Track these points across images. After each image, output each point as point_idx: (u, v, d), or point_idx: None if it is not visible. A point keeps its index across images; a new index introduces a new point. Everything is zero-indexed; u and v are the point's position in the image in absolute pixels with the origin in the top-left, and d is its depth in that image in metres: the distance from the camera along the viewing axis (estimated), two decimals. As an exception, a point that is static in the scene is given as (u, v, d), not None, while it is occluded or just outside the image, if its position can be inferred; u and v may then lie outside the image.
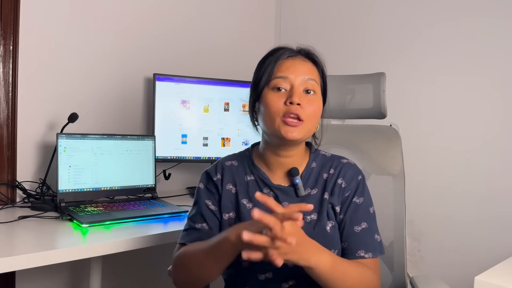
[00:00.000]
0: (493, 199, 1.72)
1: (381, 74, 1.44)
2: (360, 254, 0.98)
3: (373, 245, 1.00)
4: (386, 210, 1.32)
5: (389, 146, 1.38)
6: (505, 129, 1.70)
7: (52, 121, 1.76)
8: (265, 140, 1.04)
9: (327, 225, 0.99)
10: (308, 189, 1.03)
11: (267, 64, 1.00)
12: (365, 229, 1.00)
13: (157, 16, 2.05)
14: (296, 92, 0.96)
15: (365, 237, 1.00)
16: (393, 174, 1.35)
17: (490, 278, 1.04)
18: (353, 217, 1.01)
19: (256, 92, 1.02)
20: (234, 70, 2.28)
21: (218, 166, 1.09)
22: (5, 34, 1.63)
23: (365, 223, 1.01)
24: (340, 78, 1.50)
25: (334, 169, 1.05)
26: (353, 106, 1.47)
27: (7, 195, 1.65)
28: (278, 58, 1.00)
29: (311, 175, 1.05)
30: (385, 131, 1.42)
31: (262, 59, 1.04)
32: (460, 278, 1.72)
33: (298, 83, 0.97)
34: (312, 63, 1.02)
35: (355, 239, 0.99)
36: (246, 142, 2.05)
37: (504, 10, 1.70)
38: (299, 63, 1.00)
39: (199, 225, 1.04)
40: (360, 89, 1.46)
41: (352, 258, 0.98)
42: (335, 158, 1.08)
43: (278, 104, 0.96)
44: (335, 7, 2.26)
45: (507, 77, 1.70)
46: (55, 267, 1.75)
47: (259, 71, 1.02)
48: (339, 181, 1.03)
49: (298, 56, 1.02)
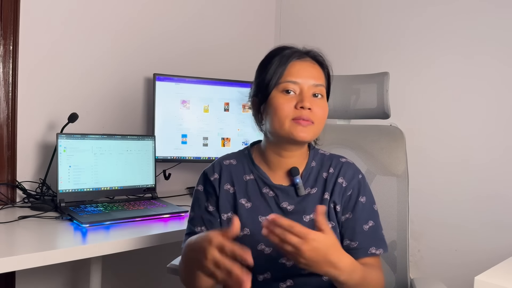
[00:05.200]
0: (493, 199, 1.72)
1: (385, 74, 1.43)
2: (372, 251, 1.00)
3: (382, 241, 1.03)
4: (390, 211, 1.32)
5: (393, 146, 1.37)
6: (505, 130, 1.70)
7: (52, 121, 1.76)
8: (268, 139, 1.04)
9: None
10: (308, 189, 1.03)
11: (276, 65, 0.99)
12: (372, 227, 1.02)
13: (157, 16, 2.05)
14: (306, 96, 0.97)
15: (374, 234, 1.02)
16: (397, 174, 1.34)
17: (490, 278, 1.04)
18: (360, 216, 1.02)
19: (264, 93, 1.01)
20: (234, 70, 2.28)
21: (216, 165, 1.09)
22: (5, 34, 1.63)
23: (372, 221, 1.02)
24: (345, 78, 1.50)
25: (333, 168, 1.05)
26: (357, 106, 1.47)
27: (7, 195, 1.65)
28: (288, 60, 0.99)
29: (311, 174, 1.05)
30: (390, 132, 1.41)
31: (267, 58, 1.03)
32: (460, 278, 1.72)
33: (307, 87, 0.98)
34: (320, 66, 1.03)
35: (366, 238, 1.01)
36: (246, 142, 2.05)
37: (506, 12, 1.70)
38: (309, 67, 1.00)
39: (198, 228, 1.04)
40: (365, 89, 1.46)
41: (364, 256, 0.99)
42: (334, 157, 1.08)
43: (288, 107, 0.96)
44: (335, 6, 2.26)
45: (509, 78, 1.70)
46: (55, 267, 1.75)
47: (265, 70, 1.01)
48: (340, 180, 1.03)
49: (307, 58, 1.01)
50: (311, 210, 1.00)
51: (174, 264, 1.33)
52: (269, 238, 0.81)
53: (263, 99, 1.01)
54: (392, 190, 1.33)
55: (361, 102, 1.47)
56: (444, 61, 1.86)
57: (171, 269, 1.33)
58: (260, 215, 1.00)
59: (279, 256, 0.97)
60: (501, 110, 1.71)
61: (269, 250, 0.98)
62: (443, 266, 1.84)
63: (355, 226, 1.01)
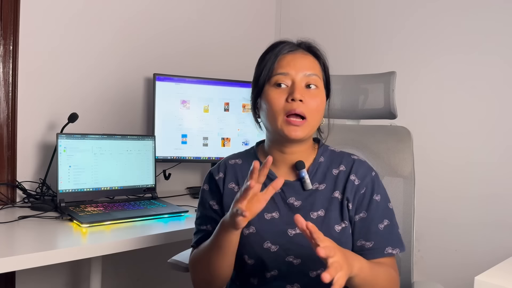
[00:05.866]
0: (493, 199, 1.72)
1: (392, 73, 1.41)
2: (389, 251, 0.97)
3: (399, 240, 0.99)
4: (396, 212, 1.28)
5: (400, 147, 1.35)
6: (505, 130, 1.70)
7: (52, 121, 1.76)
8: (269, 137, 1.03)
9: (337, 224, 0.98)
10: (316, 184, 1.01)
11: (267, 60, 0.98)
12: (388, 226, 0.99)
13: (157, 16, 2.05)
14: (298, 88, 0.94)
15: (390, 233, 0.98)
16: (404, 176, 1.32)
17: (490, 278, 1.04)
18: (375, 215, 0.99)
19: (257, 89, 1.01)
20: (234, 70, 2.28)
21: (221, 165, 1.08)
22: (5, 34, 1.63)
23: (387, 220, 0.99)
24: (353, 78, 1.48)
25: (345, 166, 1.02)
26: (365, 106, 1.45)
27: (7, 195, 1.65)
28: (278, 53, 0.98)
29: (318, 170, 1.02)
30: (397, 132, 1.39)
31: (262, 55, 1.02)
32: (460, 278, 1.72)
33: (299, 78, 0.95)
34: (314, 57, 1.00)
35: (381, 237, 0.97)
36: (246, 142, 2.05)
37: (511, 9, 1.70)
38: (300, 57, 0.98)
39: (204, 227, 1.05)
40: (372, 89, 1.43)
41: (380, 256, 0.97)
42: (344, 154, 1.05)
43: (280, 101, 0.94)
44: (335, 6, 2.26)
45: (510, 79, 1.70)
46: (55, 267, 1.75)
47: (259, 67, 1.01)
48: (352, 177, 1.00)
49: (298, 50, 1.00)
50: (319, 206, 0.98)
51: (175, 260, 1.33)
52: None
53: (258, 94, 1.01)
54: (398, 192, 1.30)
55: (368, 102, 1.44)
56: (446, 61, 1.85)
57: (172, 264, 1.33)
58: (266, 213, 0.99)
59: (285, 253, 0.97)
60: (502, 111, 1.71)
61: (276, 248, 0.97)
62: (443, 266, 1.84)
63: (370, 225, 0.98)
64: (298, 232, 0.97)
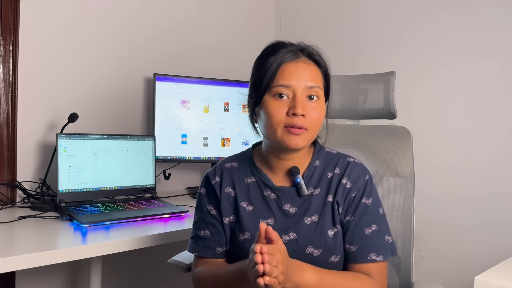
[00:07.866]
0: (493, 199, 1.72)
1: (391, 73, 1.41)
2: (372, 257, 0.95)
3: (384, 247, 0.97)
4: (395, 212, 1.30)
5: (400, 147, 1.35)
6: (506, 130, 1.70)
7: (52, 121, 1.76)
8: (267, 142, 1.01)
9: (330, 229, 0.97)
10: (311, 189, 1.00)
11: (268, 66, 0.95)
12: (375, 231, 0.97)
13: (157, 16, 2.05)
14: (299, 102, 0.92)
15: (375, 239, 0.97)
16: (404, 176, 1.32)
17: (490, 278, 1.05)
18: (362, 219, 0.97)
19: (256, 95, 0.98)
20: (234, 70, 2.28)
21: (217, 169, 1.07)
22: (5, 34, 1.63)
23: (375, 225, 0.98)
24: (353, 78, 1.48)
25: (339, 169, 1.01)
26: (365, 106, 1.45)
27: (7, 195, 1.65)
28: (281, 62, 0.95)
29: (314, 174, 1.01)
30: (397, 132, 1.39)
31: (261, 56, 1.00)
32: (460, 279, 1.72)
33: (301, 91, 0.93)
34: (316, 65, 0.98)
35: (366, 242, 0.96)
36: (246, 142, 2.05)
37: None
38: (302, 68, 0.95)
39: (202, 232, 1.04)
40: (372, 89, 1.43)
41: (364, 261, 0.96)
42: (340, 156, 1.04)
43: (280, 114, 0.92)
44: (335, 6, 2.26)
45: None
46: (55, 267, 1.75)
47: (259, 70, 0.97)
48: (344, 180, 1.00)
49: (301, 58, 0.96)
50: (313, 211, 0.98)
51: (175, 260, 1.33)
52: None
53: (257, 102, 0.98)
54: (398, 192, 1.30)
55: (368, 102, 1.44)
56: (446, 61, 1.85)
57: (172, 264, 1.33)
58: (261, 219, 0.99)
59: None
60: (503, 110, 1.71)
61: None
62: (443, 266, 1.84)
63: (356, 229, 0.97)
64: (292, 238, 0.97)
